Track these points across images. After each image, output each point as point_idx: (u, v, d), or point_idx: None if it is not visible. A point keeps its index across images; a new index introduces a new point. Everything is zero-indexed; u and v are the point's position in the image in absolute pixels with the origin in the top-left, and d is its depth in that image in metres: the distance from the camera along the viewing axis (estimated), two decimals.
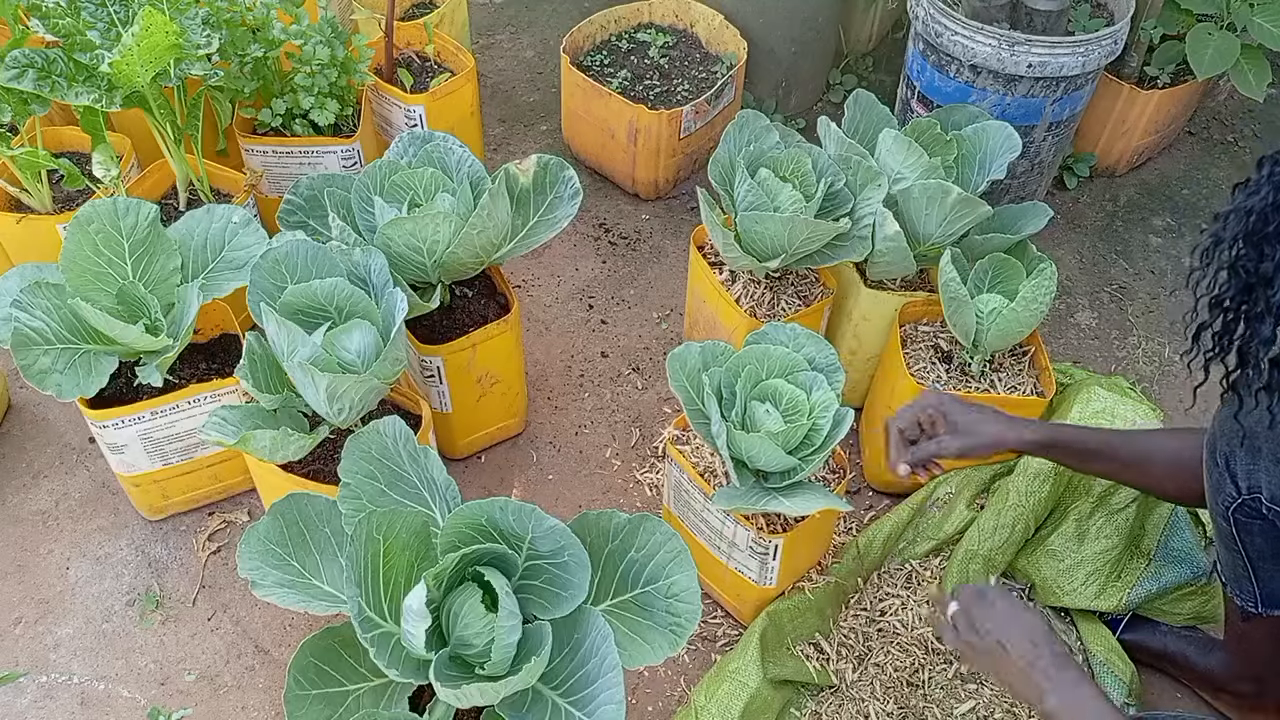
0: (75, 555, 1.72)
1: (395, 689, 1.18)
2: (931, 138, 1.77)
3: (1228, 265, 0.96)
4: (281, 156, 2.04)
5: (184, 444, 1.65)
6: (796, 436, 1.40)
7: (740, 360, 1.44)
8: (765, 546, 1.47)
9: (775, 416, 1.41)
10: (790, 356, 1.45)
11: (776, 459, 1.38)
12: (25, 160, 1.73)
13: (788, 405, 1.43)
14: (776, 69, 2.50)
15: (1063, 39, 1.93)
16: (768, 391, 1.44)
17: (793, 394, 1.43)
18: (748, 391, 1.44)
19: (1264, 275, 0.91)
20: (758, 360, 1.44)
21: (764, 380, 1.45)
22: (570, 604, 1.15)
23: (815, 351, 1.47)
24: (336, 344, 1.38)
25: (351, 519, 1.20)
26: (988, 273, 1.69)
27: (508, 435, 1.92)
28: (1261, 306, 0.92)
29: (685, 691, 1.58)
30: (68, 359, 1.48)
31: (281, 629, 1.64)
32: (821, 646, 1.60)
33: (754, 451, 1.38)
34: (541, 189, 1.67)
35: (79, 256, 1.49)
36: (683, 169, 2.37)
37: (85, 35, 1.65)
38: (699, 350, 1.46)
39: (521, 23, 2.95)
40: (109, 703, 1.55)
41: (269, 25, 1.90)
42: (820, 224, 1.63)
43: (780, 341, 1.47)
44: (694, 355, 1.46)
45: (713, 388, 1.41)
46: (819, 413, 1.41)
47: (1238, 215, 0.94)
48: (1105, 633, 1.61)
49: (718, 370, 1.44)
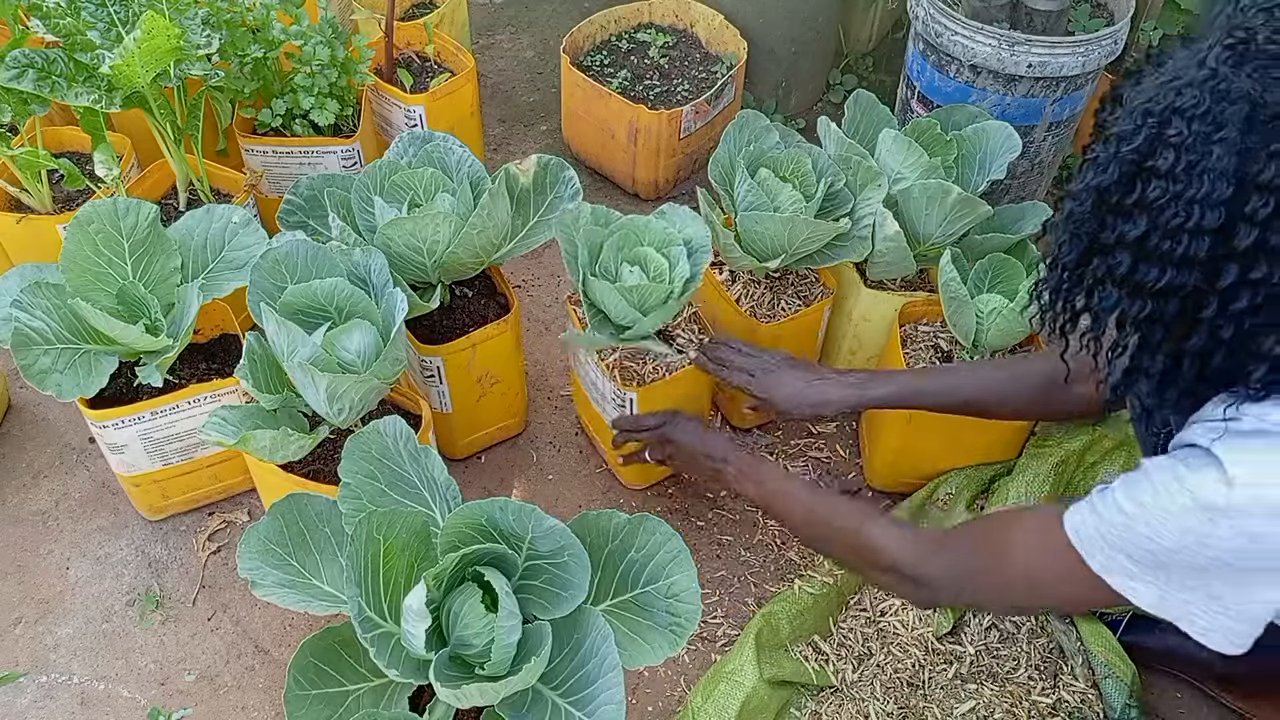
0: (75, 555, 1.72)
1: (395, 689, 1.18)
2: (931, 138, 1.77)
3: (1070, 235, 1.01)
4: (281, 156, 2.04)
5: (184, 444, 1.65)
6: (654, 297, 1.53)
7: (622, 226, 1.59)
8: (622, 398, 1.65)
9: (639, 275, 1.56)
10: (667, 231, 1.59)
11: (626, 312, 1.54)
12: (25, 160, 1.73)
13: (655, 271, 1.57)
14: (776, 69, 2.50)
15: (1063, 39, 1.93)
16: (639, 256, 1.58)
17: (659, 262, 1.57)
18: (621, 253, 1.59)
19: (1104, 244, 0.97)
20: (638, 230, 1.59)
21: (639, 247, 1.59)
22: (570, 604, 1.15)
23: (694, 233, 1.60)
24: (336, 344, 1.38)
25: (351, 519, 1.20)
26: (988, 273, 1.69)
27: (508, 435, 1.92)
28: (1103, 273, 0.98)
29: (685, 691, 1.58)
30: (68, 359, 1.48)
31: (281, 629, 1.64)
32: (820, 647, 1.60)
33: (608, 301, 1.53)
34: (542, 189, 1.67)
35: (79, 256, 1.49)
36: (683, 169, 2.37)
37: (85, 35, 1.65)
38: (590, 211, 1.60)
39: (521, 23, 2.95)
40: (109, 703, 1.55)
41: (269, 25, 1.90)
42: (820, 224, 1.63)
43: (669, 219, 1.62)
44: (585, 214, 1.59)
45: (589, 242, 1.57)
46: (678, 281, 1.55)
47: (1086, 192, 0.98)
48: (1105, 633, 1.60)
49: (601, 230, 1.59)
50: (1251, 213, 0.87)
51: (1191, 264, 0.90)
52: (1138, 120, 0.92)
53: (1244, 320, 0.90)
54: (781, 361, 1.60)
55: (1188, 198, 0.89)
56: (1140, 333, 0.97)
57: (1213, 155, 0.87)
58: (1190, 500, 0.94)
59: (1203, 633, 1.00)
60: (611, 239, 1.58)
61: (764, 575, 1.73)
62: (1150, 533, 0.97)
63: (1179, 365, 0.96)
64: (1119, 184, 0.94)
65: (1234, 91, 0.87)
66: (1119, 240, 0.94)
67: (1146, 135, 0.91)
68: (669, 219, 1.61)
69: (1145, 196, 0.91)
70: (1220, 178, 0.87)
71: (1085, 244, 0.99)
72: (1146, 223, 0.92)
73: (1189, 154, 0.89)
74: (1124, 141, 0.94)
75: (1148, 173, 0.91)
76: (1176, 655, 1.60)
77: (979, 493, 1.74)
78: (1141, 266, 0.93)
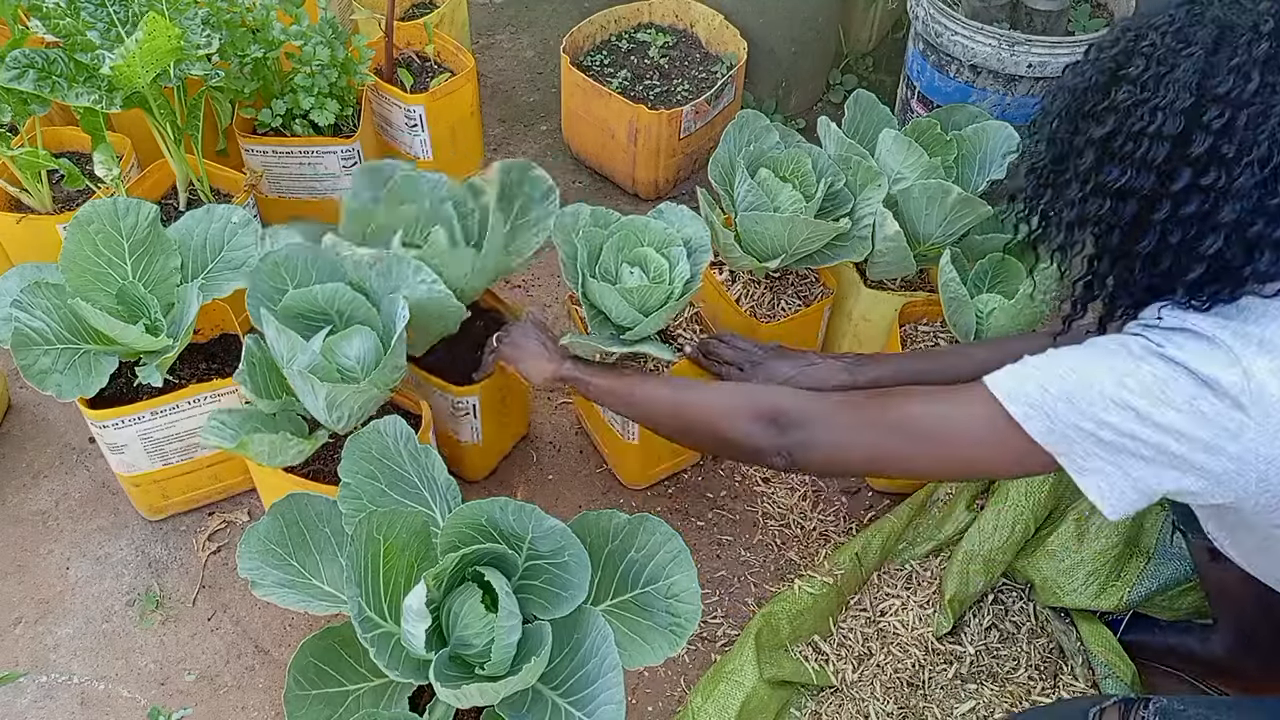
0: (75, 555, 1.72)
1: (395, 689, 1.18)
2: (931, 138, 1.77)
3: (1047, 137, 1.10)
4: (281, 156, 2.04)
5: (184, 444, 1.65)
6: (654, 298, 1.52)
7: (622, 226, 1.58)
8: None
9: (639, 276, 1.55)
10: (667, 231, 1.57)
11: (627, 313, 1.52)
12: (25, 160, 1.73)
13: (655, 271, 1.55)
14: (776, 69, 2.50)
15: (1063, 39, 1.93)
16: (639, 257, 1.57)
17: (659, 262, 1.56)
18: (621, 254, 1.57)
19: (1076, 147, 1.05)
20: (638, 230, 1.57)
21: (639, 247, 1.57)
22: (570, 604, 1.15)
23: (694, 233, 1.59)
24: (336, 350, 1.37)
25: (352, 519, 1.20)
26: (988, 273, 1.69)
27: (515, 440, 1.91)
28: (1069, 175, 1.06)
29: (685, 691, 1.58)
30: (68, 359, 1.48)
31: (281, 629, 1.64)
32: (820, 647, 1.60)
33: (609, 302, 1.52)
34: (507, 196, 1.62)
35: (79, 256, 1.49)
36: (683, 169, 2.37)
37: (85, 35, 1.65)
38: (589, 213, 1.59)
39: (521, 23, 2.95)
40: (109, 703, 1.55)
41: (269, 26, 1.90)
42: (820, 224, 1.63)
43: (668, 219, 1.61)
44: (584, 215, 1.58)
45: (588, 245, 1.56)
46: (678, 282, 1.54)
47: (1064, 92, 1.08)
48: (1106, 633, 1.61)
49: (600, 231, 1.57)
50: (1208, 122, 0.95)
51: (1150, 167, 0.98)
52: (1118, 33, 1.04)
53: (1191, 224, 0.98)
54: (772, 351, 1.61)
55: (1152, 105, 0.97)
56: (1098, 234, 1.05)
57: (1179, 68, 0.96)
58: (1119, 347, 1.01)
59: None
60: (611, 240, 1.57)
61: (764, 575, 1.73)
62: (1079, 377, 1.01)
63: (1130, 274, 1.04)
64: (1094, 88, 1.04)
65: (1206, 16, 0.97)
66: (1087, 141, 1.03)
67: (1124, 45, 1.02)
68: (668, 219, 1.61)
69: (1115, 100, 1.00)
70: (1184, 89, 0.96)
71: (1059, 147, 1.08)
72: (1113, 123, 1.00)
73: (1159, 65, 0.98)
74: (1103, 50, 1.04)
75: (1120, 78, 1.01)
76: (1176, 654, 1.60)
77: (979, 493, 1.74)
78: (1105, 165, 1.01)
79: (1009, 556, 1.65)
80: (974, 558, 1.64)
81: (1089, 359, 1.02)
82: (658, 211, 1.63)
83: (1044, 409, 1.01)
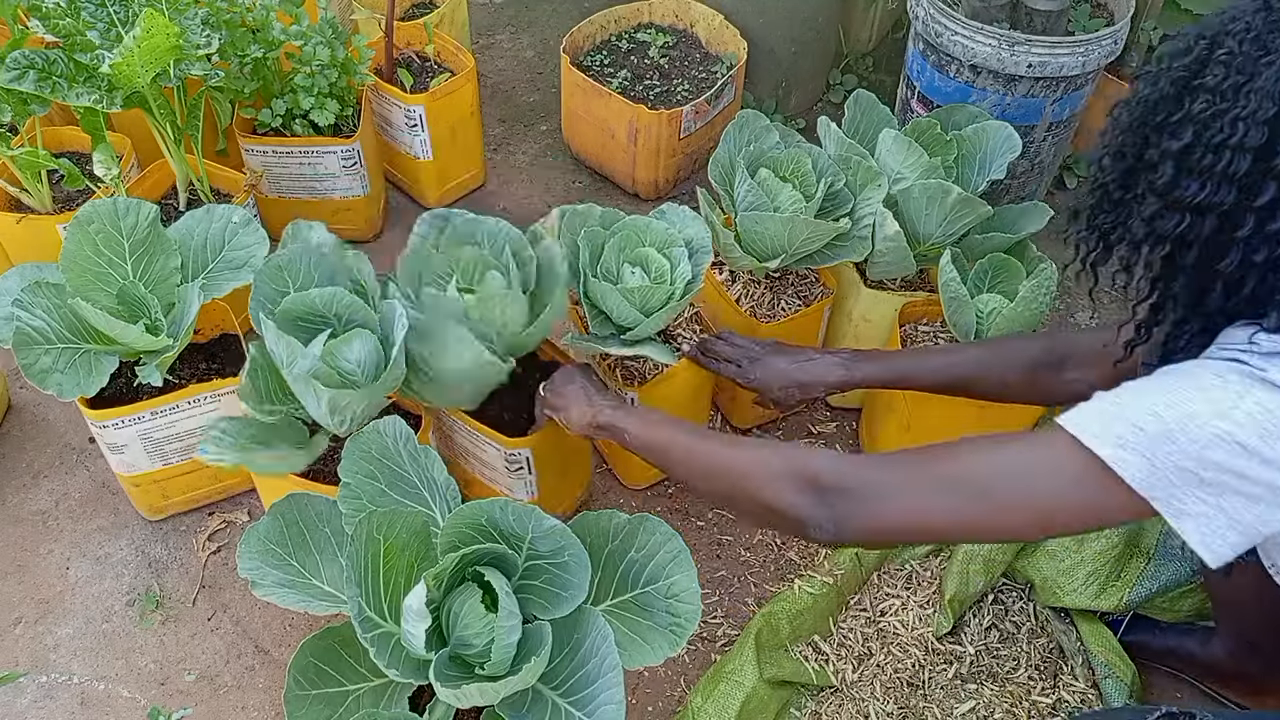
0: (75, 555, 1.72)
1: (395, 689, 1.18)
2: (931, 138, 1.77)
3: (1114, 151, 1.05)
4: (281, 156, 2.04)
5: (184, 444, 1.65)
6: (656, 298, 1.52)
7: (624, 227, 1.58)
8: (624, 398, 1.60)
9: (640, 277, 1.55)
10: (668, 231, 1.57)
11: (629, 314, 1.52)
12: (25, 160, 1.73)
13: (656, 272, 1.55)
14: (776, 69, 2.50)
15: (1063, 39, 1.93)
16: (640, 257, 1.57)
17: (660, 263, 1.56)
18: (623, 254, 1.58)
19: (1148, 161, 1.00)
20: (640, 230, 1.58)
21: (641, 248, 1.57)
22: (570, 604, 1.15)
23: (695, 233, 1.59)
24: (336, 354, 1.36)
25: (352, 519, 1.20)
26: (988, 273, 1.69)
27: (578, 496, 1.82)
28: (1141, 190, 1.01)
29: (685, 691, 1.58)
30: (68, 359, 1.48)
31: (281, 629, 1.64)
32: (820, 647, 1.60)
33: (610, 303, 1.52)
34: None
35: (79, 256, 1.49)
36: (683, 169, 2.37)
37: (85, 35, 1.65)
38: (599, 214, 1.59)
39: (521, 23, 2.95)
40: (109, 703, 1.55)
41: (269, 26, 1.90)
42: (820, 224, 1.63)
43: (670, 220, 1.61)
44: (594, 216, 1.58)
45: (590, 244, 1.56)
46: (680, 282, 1.54)
47: (1132, 104, 1.02)
48: (1106, 633, 1.61)
49: (602, 231, 1.57)
50: None
51: (1231, 180, 0.92)
52: (1190, 41, 0.97)
53: (1277, 241, 0.92)
54: (770, 347, 1.60)
55: (1233, 115, 0.92)
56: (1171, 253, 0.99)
57: (1260, 76, 0.91)
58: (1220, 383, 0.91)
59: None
60: (613, 240, 1.57)
61: (764, 575, 1.73)
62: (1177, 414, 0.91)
63: (1205, 295, 0.98)
64: (1167, 99, 0.98)
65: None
66: (1162, 154, 0.97)
67: (1198, 54, 0.96)
68: (670, 219, 1.61)
69: (1191, 111, 0.95)
70: (1266, 97, 0.90)
71: (1129, 161, 1.03)
72: (1191, 135, 0.94)
73: (1238, 74, 0.92)
74: (1175, 59, 0.98)
75: (1196, 89, 0.95)
76: (1176, 655, 1.60)
77: None
78: (1183, 180, 0.95)
79: (1009, 556, 1.65)
80: (974, 558, 1.64)
81: (1180, 391, 0.92)
82: (659, 212, 1.63)
83: (1140, 450, 0.91)
